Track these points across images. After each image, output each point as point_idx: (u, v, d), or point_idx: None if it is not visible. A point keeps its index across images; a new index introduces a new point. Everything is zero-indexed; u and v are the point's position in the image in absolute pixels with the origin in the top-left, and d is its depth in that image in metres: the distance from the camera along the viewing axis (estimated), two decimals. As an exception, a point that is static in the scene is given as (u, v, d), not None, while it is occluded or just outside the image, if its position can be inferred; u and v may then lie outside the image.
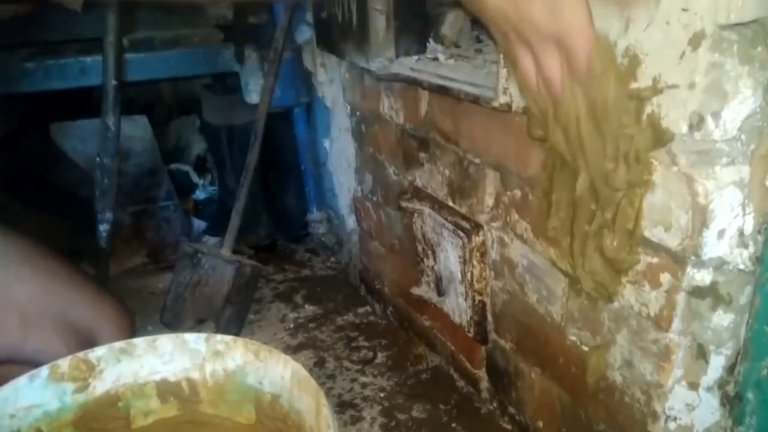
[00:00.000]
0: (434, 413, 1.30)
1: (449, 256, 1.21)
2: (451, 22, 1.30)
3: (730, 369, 0.75)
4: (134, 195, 1.98)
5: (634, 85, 0.70)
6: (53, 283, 0.81)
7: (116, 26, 1.50)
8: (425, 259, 1.32)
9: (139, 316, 1.61)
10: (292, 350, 1.55)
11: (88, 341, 0.81)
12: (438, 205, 1.24)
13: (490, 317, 1.18)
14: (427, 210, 1.26)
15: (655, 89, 0.68)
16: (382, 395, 1.37)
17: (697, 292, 0.72)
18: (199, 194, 2.34)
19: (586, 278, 0.85)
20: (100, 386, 0.77)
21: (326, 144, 1.89)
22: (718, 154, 0.66)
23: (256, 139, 1.66)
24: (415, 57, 1.28)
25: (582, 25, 0.63)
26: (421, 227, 1.30)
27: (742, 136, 0.66)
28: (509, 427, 1.22)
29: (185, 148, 2.46)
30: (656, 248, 0.75)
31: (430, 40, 1.29)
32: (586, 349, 0.92)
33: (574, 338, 0.95)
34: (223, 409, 0.79)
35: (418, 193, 1.32)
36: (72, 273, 0.84)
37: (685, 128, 0.66)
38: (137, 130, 1.97)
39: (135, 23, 1.73)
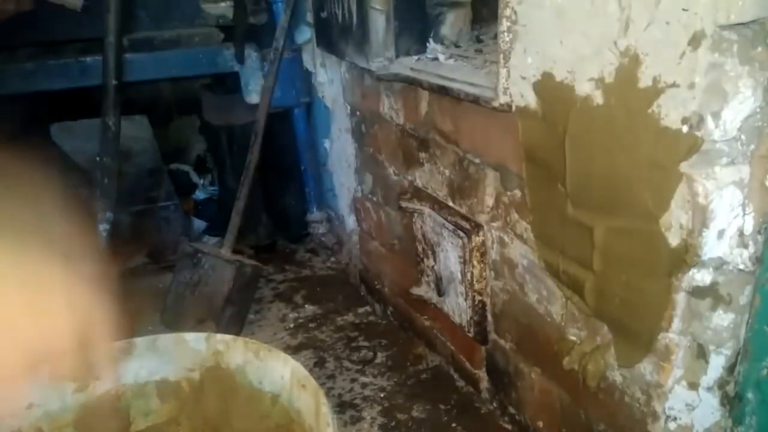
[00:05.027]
0: (434, 413, 1.30)
1: (449, 256, 1.21)
2: (451, 22, 1.30)
3: (730, 369, 0.75)
4: (134, 195, 1.98)
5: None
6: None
7: (116, 26, 1.50)
8: (425, 259, 1.32)
9: (139, 316, 1.61)
10: (292, 350, 1.55)
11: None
12: (438, 205, 1.24)
13: (490, 317, 1.19)
14: (427, 210, 1.26)
15: (656, 89, 0.68)
16: (382, 395, 1.37)
17: (697, 292, 0.72)
18: (199, 194, 2.34)
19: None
20: (100, 386, 0.77)
21: (326, 144, 1.89)
22: (718, 154, 0.66)
23: (256, 139, 1.66)
24: (415, 57, 1.28)
25: None
26: (421, 227, 1.30)
27: (742, 136, 0.66)
28: (509, 427, 1.22)
29: (185, 148, 2.46)
30: (656, 248, 0.75)
31: (430, 40, 1.29)
32: (586, 349, 0.92)
33: (574, 338, 0.95)
34: (224, 408, 0.79)
35: (418, 193, 1.32)
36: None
37: (685, 128, 0.66)
38: (137, 130, 1.97)
39: (135, 23, 1.73)
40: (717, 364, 0.75)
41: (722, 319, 0.73)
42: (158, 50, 1.73)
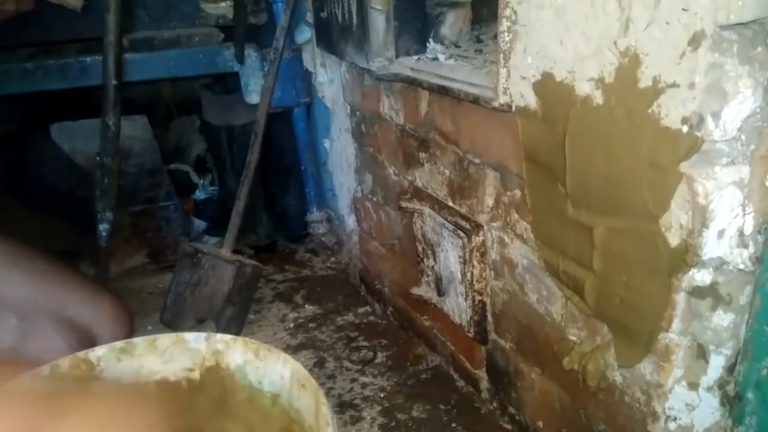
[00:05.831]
0: (434, 413, 1.30)
1: (449, 256, 1.21)
2: (451, 22, 1.30)
3: (730, 369, 0.75)
4: (134, 195, 1.98)
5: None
6: (45, 283, 0.82)
7: (116, 26, 1.50)
8: (425, 259, 1.32)
9: (139, 316, 1.61)
10: (292, 350, 1.55)
11: (88, 339, 0.81)
12: (438, 205, 1.24)
13: (490, 317, 1.18)
14: (427, 210, 1.26)
15: (656, 89, 0.68)
16: (382, 395, 1.37)
17: (697, 292, 0.72)
18: (199, 194, 2.34)
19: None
20: (100, 386, 0.77)
21: (326, 144, 1.89)
22: (718, 154, 0.66)
23: (256, 139, 1.66)
24: (415, 57, 1.28)
25: None
26: (421, 227, 1.30)
27: (742, 137, 0.66)
28: (509, 427, 1.22)
29: (185, 148, 2.46)
30: (656, 248, 0.75)
31: (430, 40, 1.29)
32: (586, 349, 0.92)
33: (574, 338, 0.95)
34: (223, 408, 0.79)
35: (418, 193, 1.32)
36: (64, 273, 0.85)
37: (685, 128, 0.66)
38: (137, 130, 1.97)
39: (135, 23, 1.73)
40: (717, 364, 0.75)
41: (722, 319, 0.73)
42: (158, 50, 1.74)
